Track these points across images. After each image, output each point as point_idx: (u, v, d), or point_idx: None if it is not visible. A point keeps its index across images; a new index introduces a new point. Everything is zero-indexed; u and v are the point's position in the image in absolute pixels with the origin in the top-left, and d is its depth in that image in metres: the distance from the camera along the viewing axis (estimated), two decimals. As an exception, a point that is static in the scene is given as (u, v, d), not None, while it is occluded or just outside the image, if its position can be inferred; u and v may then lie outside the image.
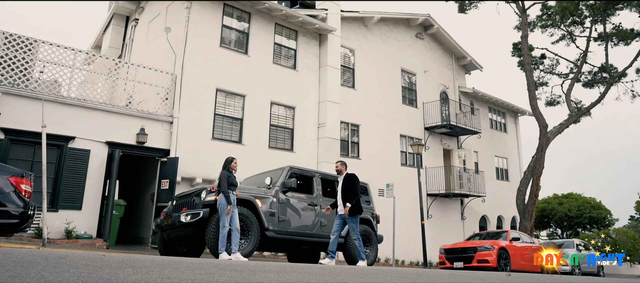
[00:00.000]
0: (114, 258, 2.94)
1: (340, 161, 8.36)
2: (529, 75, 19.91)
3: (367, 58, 18.15)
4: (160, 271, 2.36)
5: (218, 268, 2.92)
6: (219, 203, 7.17)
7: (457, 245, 13.75)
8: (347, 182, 8.02)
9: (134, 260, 3.11)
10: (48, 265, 2.37)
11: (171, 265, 2.91)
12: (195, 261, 3.81)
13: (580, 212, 29.36)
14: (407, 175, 17.88)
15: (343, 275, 3.66)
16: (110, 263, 2.58)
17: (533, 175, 19.18)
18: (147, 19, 15.94)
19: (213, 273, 2.57)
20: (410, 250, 16.61)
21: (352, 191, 7.89)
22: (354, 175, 8.15)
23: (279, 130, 14.50)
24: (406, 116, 18.98)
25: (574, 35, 22.33)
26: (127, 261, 2.84)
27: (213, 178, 12.22)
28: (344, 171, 8.21)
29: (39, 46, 11.01)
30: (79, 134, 10.85)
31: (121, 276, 2.17)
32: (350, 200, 7.79)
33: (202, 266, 3.05)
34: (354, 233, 7.90)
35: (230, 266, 3.34)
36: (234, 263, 4.02)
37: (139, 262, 2.84)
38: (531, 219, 18.75)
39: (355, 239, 7.88)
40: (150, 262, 2.88)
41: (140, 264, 2.66)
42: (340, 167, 8.22)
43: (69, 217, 10.37)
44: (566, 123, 20.60)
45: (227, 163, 7.54)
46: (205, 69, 13.04)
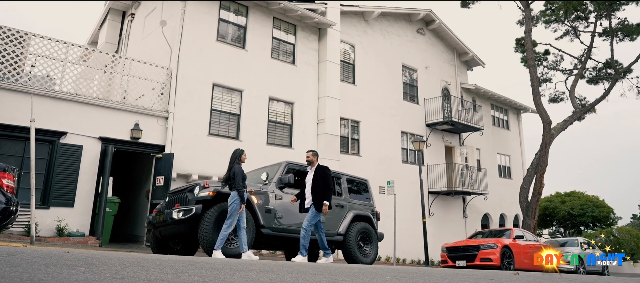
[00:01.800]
0: (75, 256, 2.65)
1: (311, 151, 7.82)
2: (532, 70, 19.57)
3: (368, 53, 17.84)
4: (119, 271, 2.07)
5: (194, 266, 2.63)
6: (231, 200, 6.81)
7: (459, 243, 13.44)
8: (319, 175, 7.43)
9: (100, 258, 2.82)
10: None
11: (140, 263, 2.61)
12: (168, 259, 3.50)
13: (583, 211, 28.97)
14: (408, 172, 17.58)
15: (336, 274, 3.36)
16: (66, 260, 2.30)
17: (536, 173, 18.86)
18: (143, 14, 15.65)
19: (182, 272, 2.27)
20: (411, 248, 16.31)
21: (327, 187, 7.34)
22: (327, 168, 7.63)
23: (277, 126, 14.20)
24: (407, 112, 18.67)
25: (578, 30, 21.99)
26: (89, 259, 2.55)
27: (209, 175, 11.93)
28: (316, 162, 7.68)
29: (30, 39, 10.74)
30: (71, 129, 10.57)
31: (63, 275, 1.88)
32: (326, 198, 7.24)
33: (175, 264, 2.76)
34: (307, 222, 7.22)
35: (210, 264, 3.05)
36: (215, 261, 3.72)
37: (101, 260, 2.55)
38: (534, 217, 18.42)
39: (306, 227, 7.18)
40: (117, 260, 2.58)
41: (101, 263, 2.37)
42: (311, 157, 7.67)
43: (60, 215, 10.09)
44: (570, 119, 20.28)
45: (238, 156, 7.15)
46: (201, 64, 12.75)
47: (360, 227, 9.16)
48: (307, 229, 7.21)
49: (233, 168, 7.02)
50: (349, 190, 9.60)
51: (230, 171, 7.03)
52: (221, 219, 7.02)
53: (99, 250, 8.14)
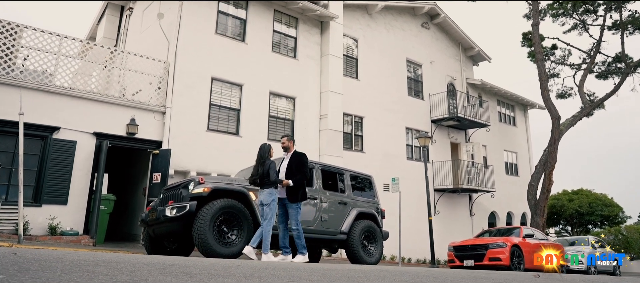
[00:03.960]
0: (24, 256, 2.27)
1: (287, 136, 7.35)
2: (540, 64, 19.06)
3: (371, 48, 17.41)
4: (53, 278, 1.68)
5: (163, 272, 2.22)
6: (269, 198, 6.45)
7: (466, 242, 13.00)
8: (294, 161, 6.93)
9: (49, 260, 2.40)
10: None
11: (88, 267, 2.21)
12: (139, 260, 3.09)
13: (592, 209, 28.43)
14: (413, 169, 17.14)
15: (351, 276, 2.96)
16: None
17: (545, 170, 18.37)
18: (141, 8, 15.26)
19: (143, 279, 1.87)
20: (416, 247, 15.87)
21: (299, 171, 6.81)
22: (304, 155, 7.12)
23: (278, 121, 13.79)
24: (412, 108, 18.23)
25: (587, 24, 21.42)
26: (29, 263, 2.14)
27: (208, 171, 11.55)
28: (292, 148, 7.19)
29: (23, 32, 10.37)
30: (65, 124, 10.19)
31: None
32: (293, 179, 6.72)
33: (138, 268, 2.34)
34: (293, 221, 6.79)
35: (183, 268, 2.64)
36: (193, 264, 3.32)
37: (44, 264, 2.15)
38: (543, 215, 17.93)
39: (295, 229, 6.77)
40: (64, 263, 2.19)
41: (44, 267, 1.98)
42: (287, 142, 7.17)
43: (53, 212, 9.72)
44: (579, 115, 19.77)
45: (268, 150, 6.79)
46: (200, 57, 12.36)
47: (364, 225, 8.75)
48: (298, 228, 6.81)
49: (269, 163, 6.65)
50: (352, 186, 9.18)
51: (264, 167, 6.62)
52: (217, 217, 6.62)
53: (86, 250, 7.75)
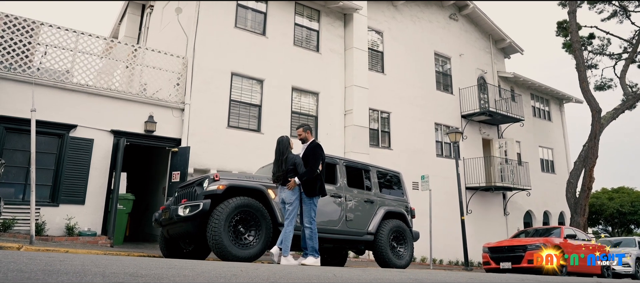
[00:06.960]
0: None
1: (302, 126, 6.77)
2: (578, 54, 17.93)
3: (397, 41, 16.70)
4: None
5: (134, 277, 1.73)
6: (292, 196, 6.11)
7: (502, 243, 12.14)
8: (309, 154, 6.37)
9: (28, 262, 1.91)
10: None
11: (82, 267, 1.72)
12: (128, 263, 2.61)
13: (634, 208, 26.88)
14: (443, 166, 16.33)
15: None
16: None
17: (585, 166, 17.25)
18: (161, 5, 15.03)
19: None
20: (448, 248, 15.07)
21: (311, 163, 6.23)
22: (319, 146, 6.51)
23: (301, 117, 13.26)
24: (441, 103, 17.42)
25: (628, 10, 20.10)
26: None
27: (229, 169, 11.12)
28: (310, 138, 6.62)
29: (40, 29, 10.18)
30: (82, 122, 9.93)
31: None
32: (307, 174, 6.13)
33: (113, 275, 1.84)
34: (306, 218, 6.22)
35: (168, 278, 2.13)
36: (177, 272, 2.79)
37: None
38: (584, 214, 16.82)
39: (307, 228, 6.19)
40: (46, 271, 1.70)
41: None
42: (302, 133, 6.63)
43: (70, 212, 9.46)
44: (621, 108, 18.53)
45: (287, 144, 6.35)
46: (219, 52, 11.96)
47: (392, 225, 8.12)
48: (311, 226, 6.23)
49: (293, 158, 6.24)
50: (379, 184, 8.55)
51: (287, 162, 6.19)
52: (232, 217, 6.13)
53: (100, 253, 7.39)
